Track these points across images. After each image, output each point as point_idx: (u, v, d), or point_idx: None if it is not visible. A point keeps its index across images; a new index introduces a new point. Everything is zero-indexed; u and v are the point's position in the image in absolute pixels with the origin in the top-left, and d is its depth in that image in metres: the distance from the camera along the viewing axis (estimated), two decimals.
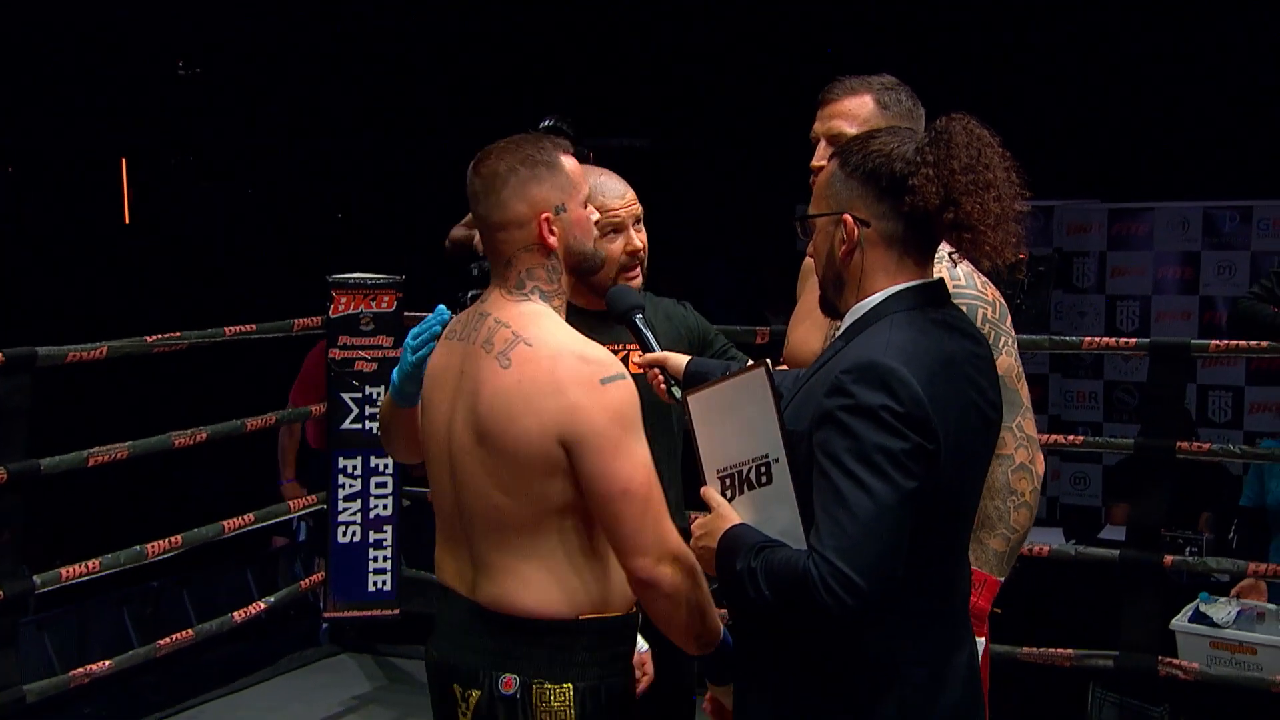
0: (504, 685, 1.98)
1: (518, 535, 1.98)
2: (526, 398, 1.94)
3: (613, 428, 1.93)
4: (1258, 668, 3.83)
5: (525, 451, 1.94)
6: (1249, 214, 6.41)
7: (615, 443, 1.93)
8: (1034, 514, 2.34)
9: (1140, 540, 3.98)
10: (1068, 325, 6.63)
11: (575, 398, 1.93)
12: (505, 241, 2.05)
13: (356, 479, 4.50)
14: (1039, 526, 5.76)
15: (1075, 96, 6.96)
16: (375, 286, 4.46)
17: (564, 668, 1.98)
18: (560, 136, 3.95)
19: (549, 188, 2.04)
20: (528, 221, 2.03)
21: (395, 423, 2.26)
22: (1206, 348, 3.90)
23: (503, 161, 2.04)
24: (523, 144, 2.06)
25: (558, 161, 2.06)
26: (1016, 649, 4.00)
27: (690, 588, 1.96)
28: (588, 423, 1.92)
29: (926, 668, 1.81)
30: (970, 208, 1.77)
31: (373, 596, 4.53)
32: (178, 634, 4.01)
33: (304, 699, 4.41)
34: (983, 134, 1.82)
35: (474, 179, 2.07)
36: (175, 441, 4.02)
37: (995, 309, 2.31)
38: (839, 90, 2.42)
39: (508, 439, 1.95)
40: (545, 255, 2.05)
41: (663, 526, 1.95)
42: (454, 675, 2.04)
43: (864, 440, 1.70)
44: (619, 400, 1.95)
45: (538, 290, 2.06)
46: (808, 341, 2.47)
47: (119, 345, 3.86)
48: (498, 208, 2.04)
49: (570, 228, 2.06)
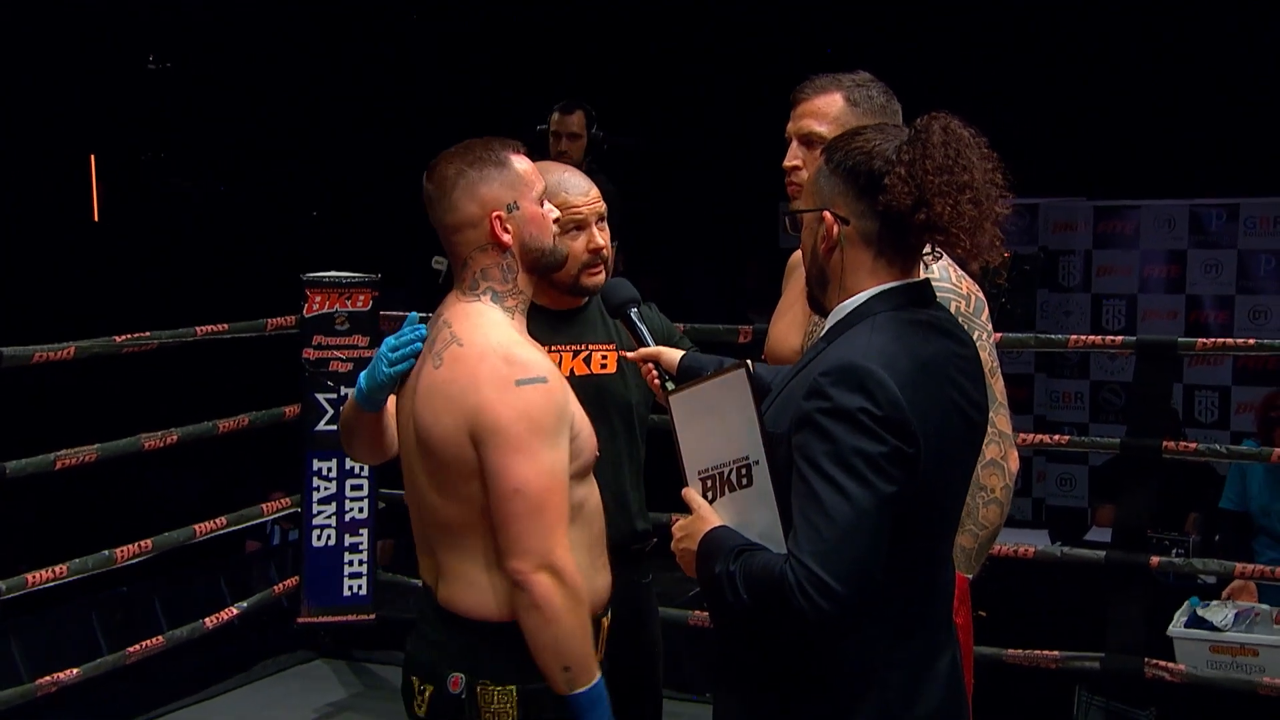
0: (451, 684, 2.02)
1: (457, 536, 2.03)
2: (449, 397, 1.99)
3: (516, 426, 1.95)
4: (1260, 670, 3.81)
5: (447, 450, 1.99)
6: (1235, 212, 6.42)
7: (517, 442, 1.95)
8: (1005, 511, 2.34)
9: (1126, 542, 3.98)
10: (1053, 324, 6.63)
11: (486, 395, 1.96)
12: (460, 243, 2.09)
13: (331, 481, 4.45)
14: (1024, 528, 5.74)
15: (1061, 94, 6.95)
16: (350, 285, 4.40)
17: (507, 669, 2.00)
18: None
19: (499, 186, 2.07)
20: (479, 221, 2.06)
21: (357, 426, 2.25)
22: (1193, 345, 3.90)
23: (451, 165, 2.08)
24: (471, 146, 2.10)
25: (506, 160, 2.09)
26: (1002, 651, 3.99)
27: (566, 610, 1.96)
28: (492, 419, 1.95)
29: (907, 671, 1.80)
30: (942, 209, 1.76)
31: (348, 601, 4.48)
32: (148, 641, 3.96)
33: (278, 706, 4.36)
34: (963, 134, 1.81)
35: (427, 185, 2.11)
36: (145, 444, 3.97)
37: (970, 303, 2.30)
38: (809, 89, 2.43)
39: (433, 438, 2.00)
40: (500, 254, 2.08)
41: (552, 538, 1.96)
42: (414, 668, 2.10)
43: (842, 443, 1.69)
44: (531, 402, 1.97)
45: (490, 290, 2.09)
46: (787, 338, 2.48)
47: (87, 345, 3.80)
48: (450, 210, 2.07)
49: (525, 225, 2.08)
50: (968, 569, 2.28)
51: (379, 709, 4.32)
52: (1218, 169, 6.60)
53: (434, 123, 5.95)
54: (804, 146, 2.38)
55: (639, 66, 7.83)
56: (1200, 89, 6.69)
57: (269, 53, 8.51)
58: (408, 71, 8.37)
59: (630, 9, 7.65)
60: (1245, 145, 6.50)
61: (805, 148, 2.37)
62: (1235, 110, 6.56)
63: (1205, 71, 6.66)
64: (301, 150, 8.79)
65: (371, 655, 4.69)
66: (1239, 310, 6.49)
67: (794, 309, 2.48)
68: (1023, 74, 6.99)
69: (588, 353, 2.58)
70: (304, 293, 4.37)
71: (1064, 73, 6.98)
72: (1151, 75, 6.81)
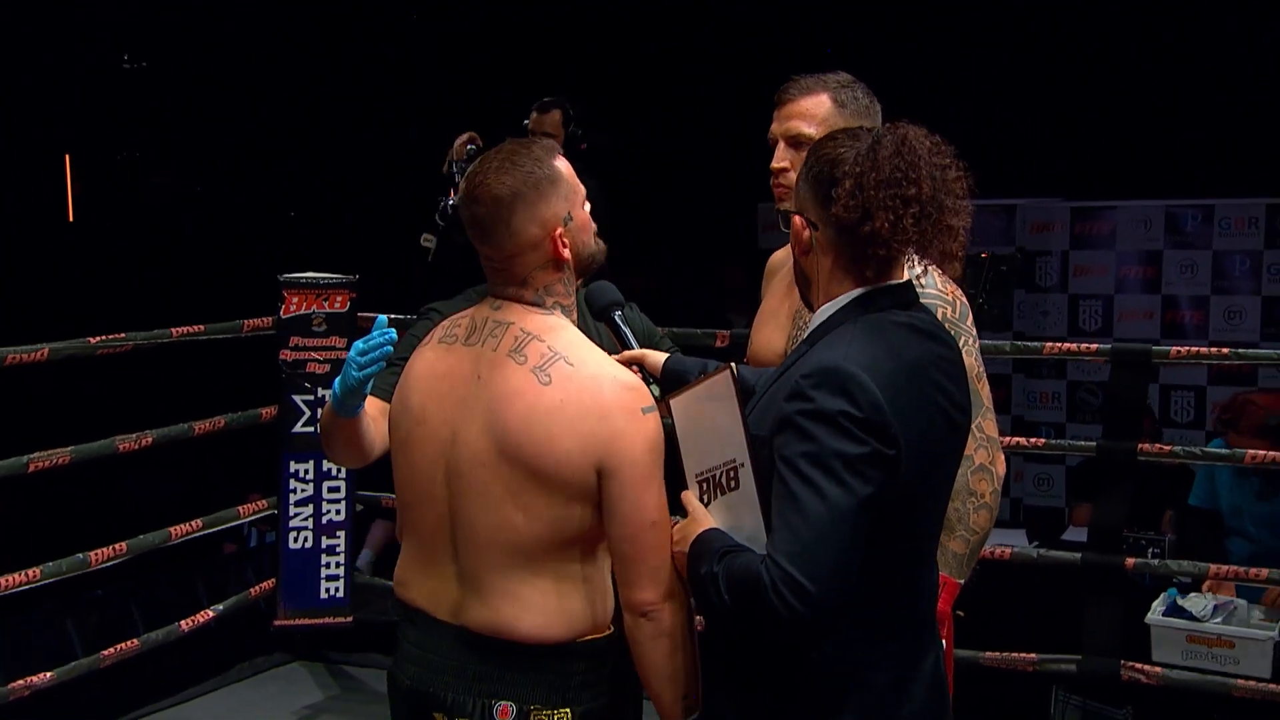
0: (500, 713, 1.94)
1: (525, 557, 1.93)
2: (569, 419, 1.89)
3: (648, 457, 1.91)
4: (1234, 661, 3.82)
5: (560, 473, 1.89)
6: (1210, 213, 6.45)
7: (649, 473, 1.91)
8: (994, 515, 2.35)
9: (1102, 543, 4.00)
10: (1030, 324, 6.65)
11: (620, 425, 1.89)
12: (521, 264, 1.97)
13: (308, 483, 4.42)
14: (1002, 528, 5.75)
15: (1039, 97, 6.97)
16: (328, 286, 4.38)
17: (561, 692, 1.95)
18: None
19: (556, 201, 1.96)
20: (541, 242, 1.96)
21: (336, 431, 2.18)
22: (1167, 354, 3.93)
23: (503, 185, 1.94)
24: (517, 158, 1.96)
25: (557, 172, 1.98)
26: (979, 654, 3.99)
27: (686, 635, 1.94)
28: (628, 451, 1.89)
29: (889, 673, 1.81)
30: (882, 223, 1.77)
31: (325, 604, 4.45)
32: (123, 644, 3.93)
33: (255, 709, 4.35)
34: (918, 145, 1.81)
35: (475, 207, 1.96)
36: (120, 446, 3.93)
37: (955, 308, 2.31)
38: (795, 90, 2.41)
39: (544, 458, 1.89)
40: (559, 269, 1.99)
41: (674, 565, 1.93)
42: (434, 704, 1.98)
43: (822, 445, 1.70)
44: (656, 431, 1.93)
45: (559, 306, 2.01)
46: (771, 343, 2.48)
47: (61, 347, 3.77)
48: (510, 237, 1.95)
49: (578, 234, 2.00)
50: (959, 574, 2.29)
51: (356, 711, 4.31)
52: (1193, 170, 6.63)
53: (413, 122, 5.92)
54: (792, 148, 2.38)
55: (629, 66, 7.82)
56: (1176, 91, 6.72)
57: (245, 51, 8.47)
58: (387, 71, 8.34)
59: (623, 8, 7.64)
60: (1220, 147, 6.54)
61: (793, 149, 2.37)
62: (1211, 112, 6.60)
63: (1182, 74, 6.69)
64: (279, 150, 8.74)
65: (349, 658, 4.67)
66: (1214, 310, 6.52)
67: (778, 314, 2.48)
68: (1001, 77, 7.01)
69: None
70: (281, 294, 4.34)
71: (1042, 75, 7.01)
72: (1128, 78, 6.84)
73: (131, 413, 4.62)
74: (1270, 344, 6.22)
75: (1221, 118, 6.57)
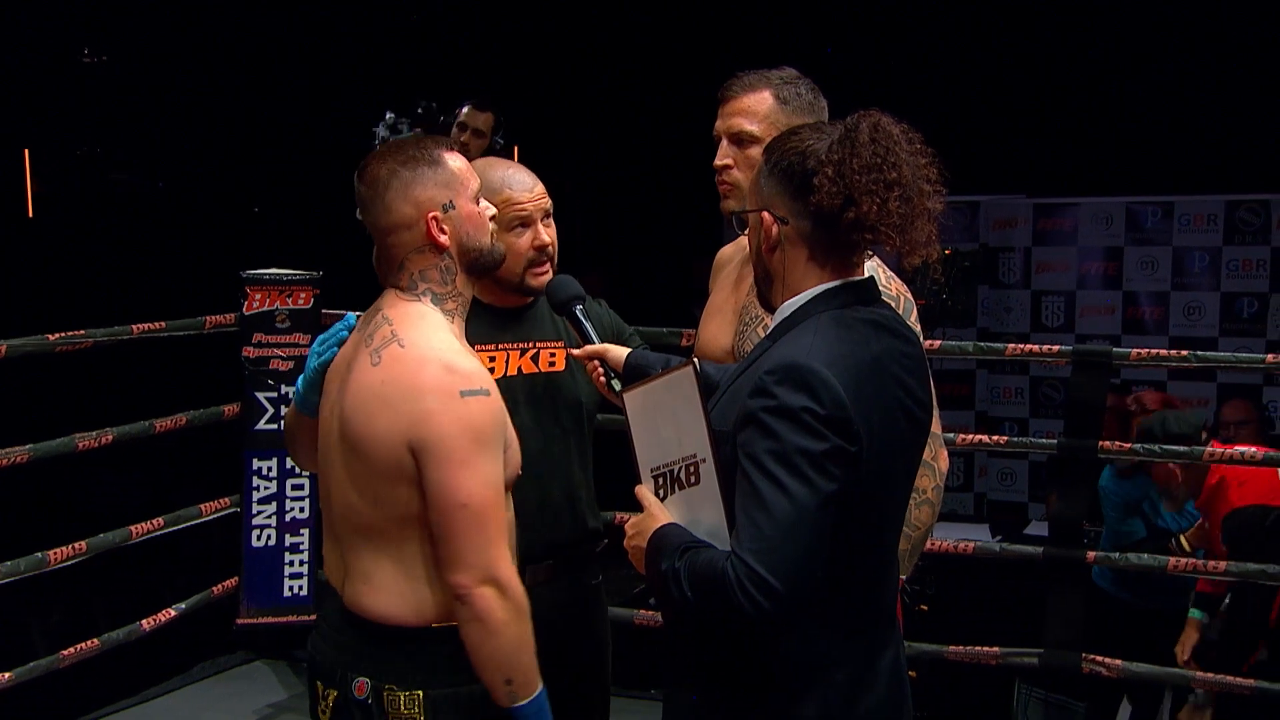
0: (357, 689, 1.99)
1: (371, 538, 1.99)
2: (385, 399, 1.94)
3: (462, 439, 1.91)
4: None
5: (377, 453, 1.94)
6: (1170, 210, 6.52)
7: (463, 455, 1.91)
8: (936, 511, 2.36)
9: (1063, 537, 4.04)
10: (994, 320, 6.70)
11: (430, 404, 1.91)
12: (396, 245, 2.03)
13: (271, 481, 4.39)
14: (966, 523, 5.80)
15: (1002, 94, 7.01)
16: (291, 283, 4.35)
17: (414, 674, 1.97)
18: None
19: (433, 186, 2.02)
20: (415, 222, 2.01)
21: (299, 431, 2.20)
22: (1128, 355, 3.99)
23: (383, 165, 2.03)
24: (404, 145, 2.05)
25: (440, 158, 2.04)
26: (943, 648, 4.01)
27: (508, 622, 1.92)
28: (438, 430, 1.91)
29: (851, 668, 1.82)
30: (869, 208, 1.77)
31: (288, 602, 4.42)
32: (83, 644, 3.88)
33: (218, 708, 4.30)
34: (892, 132, 1.82)
35: (359, 186, 2.05)
36: (79, 444, 3.88)
37: (899, 305, 2.30)
38: (737, 87, 2.41)
39: (363, 439, 1.95)
40: (437, 255, 2.03)
41: (494, 550, 1.92)
42: (318, 672, 2.06)
43: (785, 442, 1.70)
44: (475, 414, 1.93)
45: (430, 292, 2.04)
46: (717, 339, 2.47)
47: (19, 343, 3.71)
48: (384, 212, 2.02)
49: (461, 224, 2.04)
50: (902, 570, 2.30)
51: None
52: (1153, 168, 6.70)
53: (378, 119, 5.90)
54: (734, 145, 2.37)
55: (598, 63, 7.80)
56: (1137, 90, 6.78)
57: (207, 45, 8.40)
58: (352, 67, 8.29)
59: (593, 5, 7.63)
60: (1180, 144, 6.60)
61: (736, 146, 2.37)
62: (1171, 111, 6.66)
63: (1142, 73, 6.75)
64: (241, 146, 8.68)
65: None
66: (1174, 306, 6.58)
67: (724, 309, 2.47)
68: (965, 75, 7.04)
69: (535, 350, 2.56)
70: (244, 290, 4.31)
71: (1005, 74, 7.05)
72: (1090, 77, 6.90)
73: (92, 410, 4.57)
74: (1229, 338, 6.31)
75: (1181, 116, 6.63)
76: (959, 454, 6.34)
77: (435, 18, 8.00)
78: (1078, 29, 6.92)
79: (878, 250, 1.96)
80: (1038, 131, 6.94)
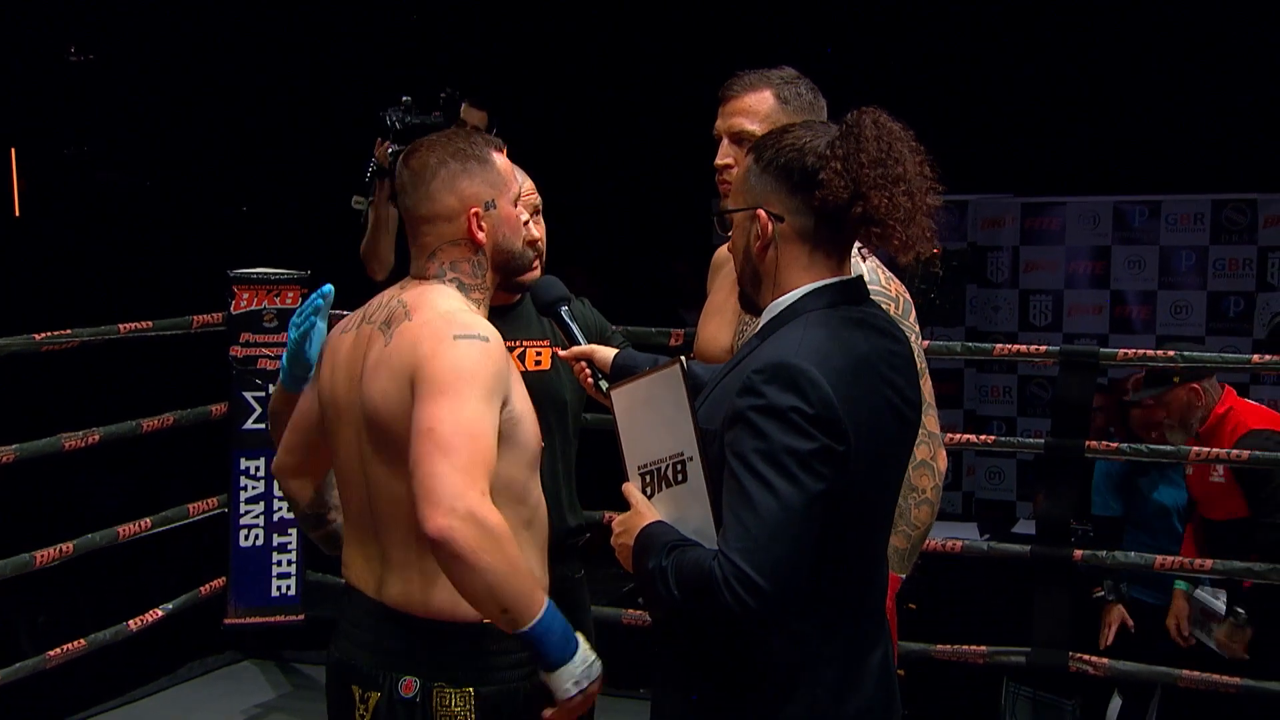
0: (404, 688, 1.95)
1: (410, 520, 1.89)
2: (392, 365, 1.92)
3: (447, 375, 1.87)
4: None
5: (396, 419, 1.90)
6: (1158, 209, 6.53)
7: (441, 386, 1.86)
8: (935, 510, 2.37)
9: (1050, 536, 4.06)
10: (982, 319, 6.71)
11: (424, 349, 1.90)
12: (430, 234, 2.02)
13: (259, 480, 4.40)
14: (953, 522, 5.81)
15: (990, 93, 7.03)
16: (279, 282, 4.36)
17: (466, 671, 1.95)
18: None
19: (479, 182, 2.01)
20: (456, 215, 2.01)
21: (286, 412, 2.19)
22: (1115, 356, 4.01)
23: (433, 154, 2.01)
24: (454, 138, 2.04)
25: (489, 157, 2.04)
26: (931, 646, 4.02)
27: (487, 551, 1.81)
28: (426, 366, 1.88)
29: (838, 667, 1.81)
30: (878, 201, 1.77)
31: (276, 602, 4.43)
32: (70, 644, 3.88)
33: (205, 708, 4.32)
34: (893, 127, 1.82)
35: (403, 171, 2.04)
36: (66, 444, 3.88)
37: (899, 305, 2.31)
38: (739, 86, 2.41)
39: (381, 409, 1.92)
40: (472, 250, 2.03)
41: (464, 482, 1.81)
42: (353, 676, 2.00)
43: (773, 441, 1.70)
44: (464, 354, 1.89)
45: (457, 281, 2.02)
46: (717, 339, 2.47)
47: (6, 343, 3.73)
48: (426, 200, 2.01)
49: (499, 224, 2.04)
50: (901, 569, 2.31)
51: (307, 710, 4.28)
52: (1140, 167, 6.72)
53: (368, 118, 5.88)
54: (735, 144, 2.38)
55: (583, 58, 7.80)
56: (1124, 89, 6.80)
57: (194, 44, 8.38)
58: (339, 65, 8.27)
59: None
60: (1167, 144, 6.62)
61: (736, 145, 2.37)
62: (1158, 110, 6.68)
63: (1129, 73, 6.77)
64: (229, 144, 8.66)
65: (300, 656, 4.65)
66: (1161, 305, 6.60)
67: (724, 309, 2.48)
68: (952, 74, 7.06)
69: (522, 349, 2.57)
70: (231, 289, 4.32)
71: (993, 73, 7.06)
72: (1078, 76, 6.91)
73: (78, 410, 4.56)
74: (1215, 337, 6.33)
75: (1168, 116, 6.65)
76: (947, 452, 6.34)
77: (430, 17, 7.99)
78: (1065, 29, 6.94)
79: (877, 250, 1.96)
80: (1025, 131, 6.95)
